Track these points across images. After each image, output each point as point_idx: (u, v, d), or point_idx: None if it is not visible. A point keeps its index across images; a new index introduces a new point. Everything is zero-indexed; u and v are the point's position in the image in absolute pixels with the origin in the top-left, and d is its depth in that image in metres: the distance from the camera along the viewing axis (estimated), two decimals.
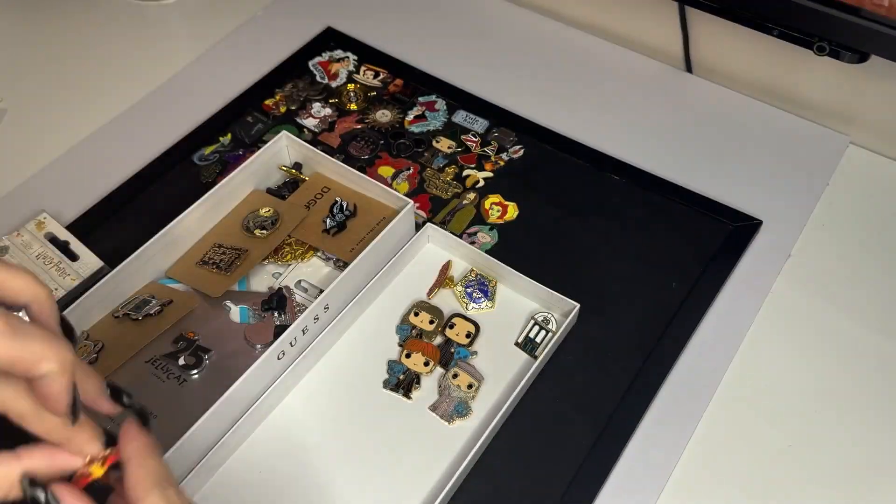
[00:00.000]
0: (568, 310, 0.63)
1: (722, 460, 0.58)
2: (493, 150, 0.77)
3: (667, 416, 0.60)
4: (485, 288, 0.66)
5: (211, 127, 0.79)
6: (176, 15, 0.92)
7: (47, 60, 0.87)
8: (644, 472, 0.57)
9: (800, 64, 0.77)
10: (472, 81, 0.82)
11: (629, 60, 0.85)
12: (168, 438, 0.53)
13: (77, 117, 0.81)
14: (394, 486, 0.57)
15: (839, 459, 0.58)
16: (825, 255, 0.69)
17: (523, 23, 0.89)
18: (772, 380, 0.62)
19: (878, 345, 0.64)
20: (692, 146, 0.77)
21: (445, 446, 0.58)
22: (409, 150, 0.77)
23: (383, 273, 0.65)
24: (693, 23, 0.81)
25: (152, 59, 0.86)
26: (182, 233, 0.66)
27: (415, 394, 0.61)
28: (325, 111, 0.80)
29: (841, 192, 0.74)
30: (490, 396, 0.61)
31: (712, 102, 0.81)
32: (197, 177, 0.75)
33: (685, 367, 0.62)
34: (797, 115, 0.79)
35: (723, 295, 0.66)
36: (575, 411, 0.60)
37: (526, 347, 0.63)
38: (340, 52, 0.86)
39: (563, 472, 0.57)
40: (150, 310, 0.63)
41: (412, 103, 0.81)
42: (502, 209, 0.72)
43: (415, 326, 0.64)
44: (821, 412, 0.61)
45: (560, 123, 0.78)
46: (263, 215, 0.68)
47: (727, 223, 0.71)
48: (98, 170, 0.76)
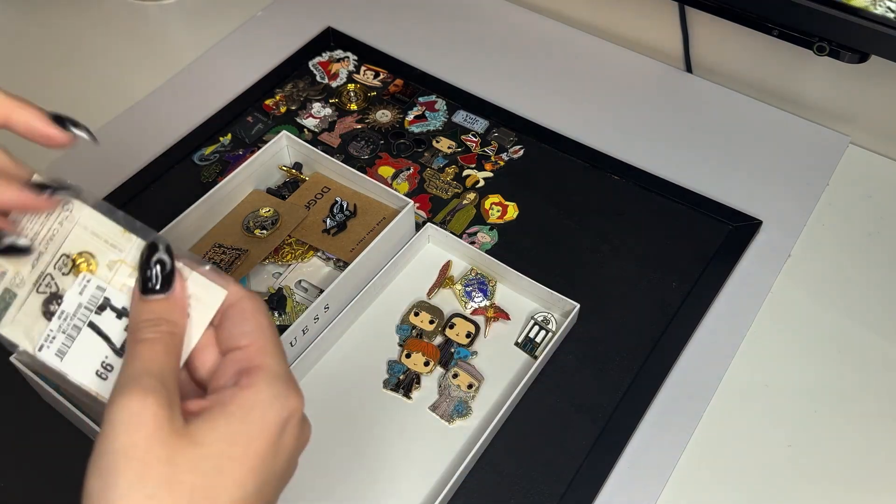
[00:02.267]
0: (568, 310, 0.63)
1: (722, 460, 0.58)
2: (493, 150, 0.77)
3: (667, 416, 0.60)
4: (484, 287, 0.66)
5: (211, 127, 0.79)
6: (176, 15, 0.92)
7: (47, 60, 0.87)
8: (644, 472, 0.57)
9: (800, 64, 0.77)
10: (472, 81, 0.82)
11: (629, 60, 0.85)
12: None
13: (76, 117, 0.80)
14: (394, 486, 0.57)
15: (839, 459, 0.58)
16: (825, 255, 0.69)
17: (523, 23, 0.89)
18: (772, 380, 0.62)
19: (878, 345, 0.64)
20: (692, 146, 0.77)
21: (445, 446, 0.58)
22: (409, 150, 0.77)
23: (383, 273, 0.65)
24: (693, 23, 0.81)
25: (152, 59, 0.86)
26: (182, 233, 0.66)
27: (415, 394, 0.61)
28: (325, 111, 0.80)
29: (841, 192, 0.74)
30: (490, 396, 0.61)
31: (712, 102, 0.81)
32: (197, 177, 0.75)
33: (685, 367, 0.62)
34: (797, 115, 0.79)
35: (723, 295, 0.66)
36: (575, 411, 0.60)
37: (526, 347, 0.63)
38: (340, 52, 0.86)
39: (563, 472, 0.57)
40: None
41: (412, 103, 0.81)
42: (502, 209, 0.72)
43: (415, 326, 0.64)
44: (820, 412, 0.61)
45: (560, 123, 0.78)
46: (263, 215, 0.68)
47: (727, 223, 0.71)
48: (98, 169, 0.76)
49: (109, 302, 0.37)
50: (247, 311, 0.36)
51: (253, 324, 0.36)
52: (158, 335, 0.35)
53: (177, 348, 0.35)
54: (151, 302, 0.36)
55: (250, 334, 0.36)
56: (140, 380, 0.32)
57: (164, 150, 0.77)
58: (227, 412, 0.33)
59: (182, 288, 0.36)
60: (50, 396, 0.57)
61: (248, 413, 0.33)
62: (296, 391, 0.35)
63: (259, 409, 0.33)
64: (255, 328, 0.36)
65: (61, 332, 0.37)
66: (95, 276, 0.37)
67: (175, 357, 0.35)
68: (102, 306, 0.37)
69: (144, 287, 0.36)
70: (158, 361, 0.34)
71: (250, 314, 0.36)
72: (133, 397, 0.31)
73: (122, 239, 0.38)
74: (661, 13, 0.82)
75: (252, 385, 0.34)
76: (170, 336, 0.35)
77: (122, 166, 0.75)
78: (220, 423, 0.32)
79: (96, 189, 0.73)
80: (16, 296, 0.38)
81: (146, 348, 0.34)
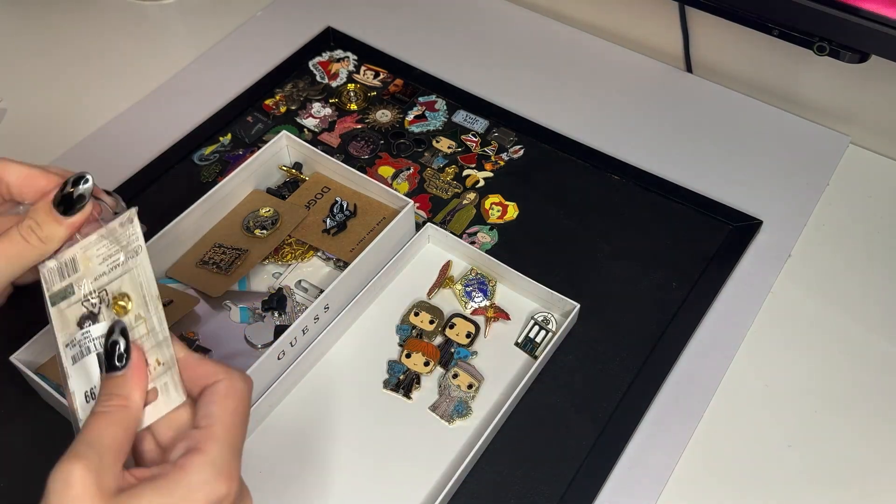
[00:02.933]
0: (568, 310, 0.63)
1: (722, 461, 0.58)
2: (493, 150, 0.77)
3: (667, 416, 0.60)
4: (484, 287, 0.66)
5: (211, 127, 0.79)
6: (176, 15, 0.92)
7: (47, 60, 0.87)
8: (644, 472, 0.57)
9: (800, 64, 0.77)
10: (472, 81, 0.82)
11: (629, 60, 0.85)
12: None
13: (76, 117, 0.81)
14: (394, 486, 0.57)
15: (839, 460, 0.58)
16: (825, 255, 0.69)
17: (523, 23, 0.89)
18: (772, 380, 0.62)
19: (879, 345, 0.64)
20: (692, 146, 0.77)
21: (445, 446, 0.58)
22: (409, 150, 0.77)
23: (383, 273, 0.65)
24: (693, 23, 0.81)
25: (152, 59, 0.86)
26: (182, 233, 0.66)
27: (415, 394, 0.61)
28: (325, 111, 0.80)
29: (841, 192, 0.74)
30: (490, 396, 0.61)
31: (712, 102, 0.81)
32: (197, 177, 0.75)
33: (685, 367, 0.62)
34: (797, 115, 0.79)
35: (723, 295, 0.66)
36: (575, 411, 0.60)
37: (526, 347, 0.63)
38: (340, 52, 0.86)
39: (563, 472, 0.57)
40: None
41: (412, 103, 0.81)
42: (502, 209, 0.72)
43: (415, 326, 0.64)
44: (821, 412, 0.61)
45: (560, 123, 0.78)
46: (263, 215, 0.68)
47: (727, 223, 0.71)
48: (97, 169, 0.75)
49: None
50: (218, 393, 0.40)
51: (217, 407, 0.39)
52: (107, 409, 0.39)
53: (125, 420, 0.39)
54: (109, 378, 0.40)
55: (208, 417, 0.39)
56: (77, 448, 0.36)
57: (164, 149, 0.77)
58: (156, 485, 0.36)
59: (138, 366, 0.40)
60: (50, 396, 0.57)
61: (173, 491, 0.36)
62: (227, 480, 0.38)
63: (183, 490, 0.36)
64: (216, 412, 0.39)
65: (79, 346, 0.42)
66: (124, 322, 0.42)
67: (121, 428, 0.38)
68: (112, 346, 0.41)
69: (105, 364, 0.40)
70: (99, 432, 0.38)
71: (220, 397, 0.40)
72: (64, 464, 0.36)
73: (154, 302, 0.43)
74: (661, 13, 0.82)
75: (185, 466, 0.37)
76: (119, 409, 0.39)
77: (121, 166, 0.75)
78: (146, 495, 0.36)
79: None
80: (73, 294, 0.43)
81: (93, 420, 0.38)
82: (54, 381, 0.58)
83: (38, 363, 0.59)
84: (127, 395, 0.39)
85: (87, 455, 0.36)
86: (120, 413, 0.39)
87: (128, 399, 0.39)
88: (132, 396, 0.39)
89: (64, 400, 0.56)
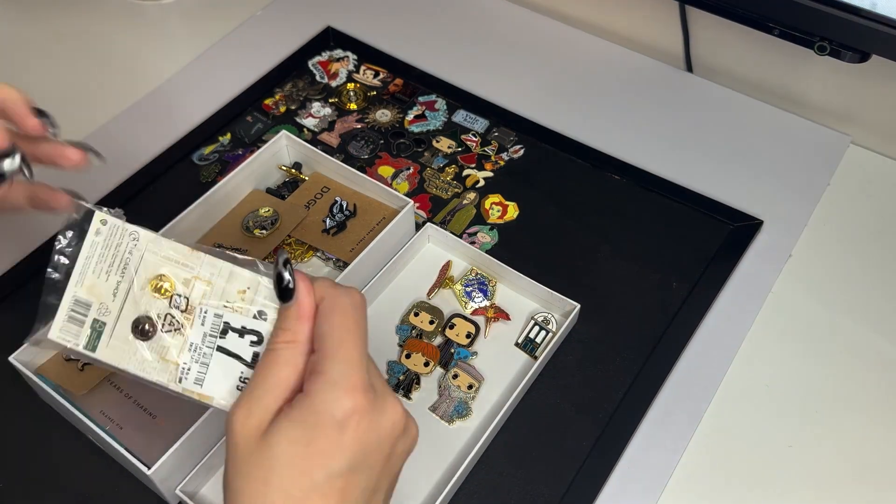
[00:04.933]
0: (568, 310, 0.63)
1: (722, 461, 0.58)
2: (493, 150, 0.77)
3: (667, 416, 0.60)
4: (484, 287, 0.66)
5: (211, 127, 0.79)
6: (176, 15, 0.92)
7: (47, 59, 0.87)
8: (644, 473, 0.57)
9: (800, 64, 0.77)
10: (472, 81, 0.82)
11: (629, 60, 0.85)
12: (168, 439, 0.53)
13: (76, 117, 0.80)
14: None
15: (839, 460, 0.58)
16: (825, 255, 0.69)
17: (523, 23, 0.89)
18: (772, 380, 0.62)
19: (879, 345, 0.64)
20: (692, 146, 0.77)
21: (445, 446, 0.58)
22: (409, 150, 0.77)
23: (383, 273, 0.65)
24: (693, 22, 0.81)
25: (152, 59, 0.86)
26: (181, 233, 0.66)
27: (415, 394, 0.61)
28: (324, 111, 0.80)
29: (841, 192, 0.74)
30: (490, 397, 0.61)
31: (712, 102, 0.81)
32: (197, 177, 0.75)
33: (685, 367, 0.62)
34: (797, 114, 0.79)
35: (723, 295, 0.66)
36: (575, 411, 0.60)
37: (526, 348, 0.63)
38: (340, 52, 0.86)
39: (563, 472, 0.57)
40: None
41: (412, 103, 0.81)
42: (502, 209, 0.72)
43: (415, 326, 0.64)
44: (821, 412, 0.61)
45: (560, 123, 0.78)
46: (263, 215, 0.68)
47: (727, 223, 0.71)
48: (97, 169, 0.75)
49: (229, 325, 0.41)
50: (323, 313, 0.40)
51: (325, 326, 0.40)
52: (275, 347, 0.40)
53: (293, 359, 0.39)
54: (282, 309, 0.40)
55: (319, 338, 0.39)
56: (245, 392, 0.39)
57: (164, 149, 0.77)
58: (290, 417, 0.38)
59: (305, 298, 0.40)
60: (50, 397, 0.56)
61: (305, 417, 0.37)
62: (351, 393, 0.38)
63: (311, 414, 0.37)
64: (325, 330, 0.39)
65: (195, 363, 0.42)
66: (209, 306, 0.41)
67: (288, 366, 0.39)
68: (224, 330, 0.41)
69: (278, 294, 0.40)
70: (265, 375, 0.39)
71: (326, 316, 0.40)
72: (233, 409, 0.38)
73: (191, 258, 0.42)
74: (661, 13, 0.82)
75: (308, 391, 0.38)
76: (286, 347, 0.39)
77: (121, 166, 0.75)
78: (283, 427, 0.37)
79: (96, 188, 0.73)
80: (105, 325, 0.42)
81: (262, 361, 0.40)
82: (54, 381, 0.58)
83: (38, 363, 0.59)
84: (294, 328, 0.40)
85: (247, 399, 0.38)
86: (287, 351, 0.39)
87: (295, 333, 0.40)
88: (298, 329, 0.40)
89: (64, 401, 0.56)
